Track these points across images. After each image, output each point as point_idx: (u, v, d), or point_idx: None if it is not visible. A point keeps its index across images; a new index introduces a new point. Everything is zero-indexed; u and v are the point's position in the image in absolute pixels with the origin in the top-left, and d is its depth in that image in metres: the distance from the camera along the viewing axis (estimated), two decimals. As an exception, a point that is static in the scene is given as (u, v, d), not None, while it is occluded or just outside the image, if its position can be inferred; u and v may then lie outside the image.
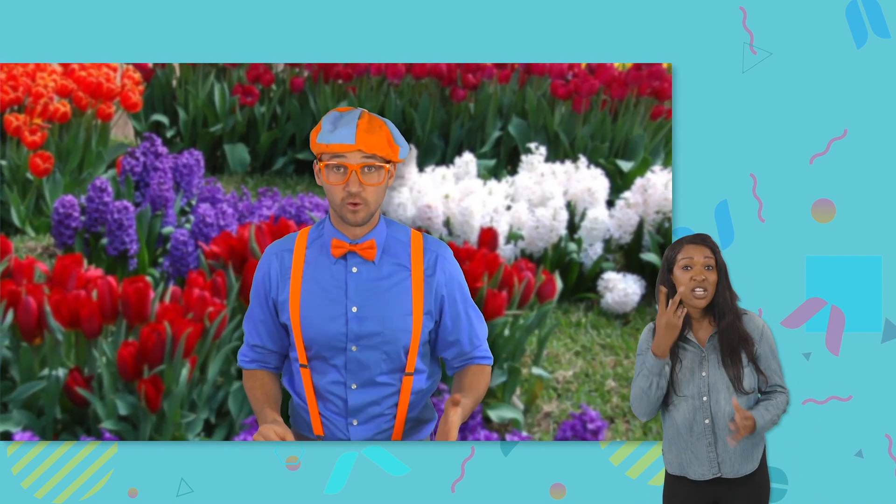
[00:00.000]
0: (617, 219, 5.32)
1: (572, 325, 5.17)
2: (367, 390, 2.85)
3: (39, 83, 5.35)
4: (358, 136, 2.71)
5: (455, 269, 2.91)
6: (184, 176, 5.31)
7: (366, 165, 2.73)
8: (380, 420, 2.89)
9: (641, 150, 5.51)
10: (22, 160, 5.16)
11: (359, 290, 2.82)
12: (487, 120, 5.57)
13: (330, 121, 2.76)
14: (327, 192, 2.78)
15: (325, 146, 2.74)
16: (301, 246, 2.86)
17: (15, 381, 4.27)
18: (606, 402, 4.76)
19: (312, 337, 2.83)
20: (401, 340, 2.84)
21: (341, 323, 2.81)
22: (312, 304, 2.82)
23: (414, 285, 2.83)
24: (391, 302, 2.82)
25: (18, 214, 5.13)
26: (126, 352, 4.17)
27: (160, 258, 5.10)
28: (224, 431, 4.38)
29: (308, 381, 2.87)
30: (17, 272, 4.47)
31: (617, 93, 5.51)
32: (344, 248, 2.81)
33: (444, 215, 5.22)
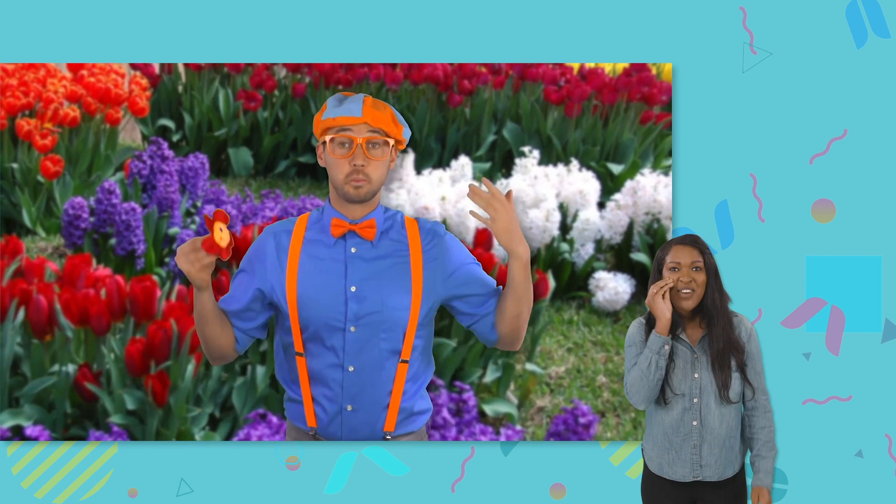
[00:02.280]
0: (607, 220, 5.24)
1: (564, 323, 5.09)
2: (363, 373, 2.69)
3: (50, 89, 5.27)
4: (364, 110, 2.62)
5: (453, 240, 2.77)
6: (189, 178, 5.25)
7: (371, 140, 2.64)
8: (374, 408, 2.72)
9: (631, 153, 5.44)
10: (33, 163, 5.10)
11: (358, 269, 2.68)
12: (483, 124, 5.53)
13: (335, 99, 2.68)
14: (331, 168, 2.67)
15: (332, 120, 2.65)
16: (301, 227, 2.73)
17: (26, 376, 4.21)
18: (598, 396, 4.67)
19: (309, 316, 2.66)
20: (399, 319, 2.68)
21: (340, 302, 2.66)
22: (310, 283, 2.68)
23: (413, 264, 2.70)
24: (390, 281, 2.69)
25: (30, 216, 5.07)
26: (133, 348, 4.10)
27: (166, 258, 5.04)
28: (228, 425, 4.28)
29: (303, 369, 2.72)
30: (29, 271, 4.42)
31: (607, 98, 5.41)
32: (344, 228, 2.68)
33: (441, 216, 5.16)
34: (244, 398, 4.30)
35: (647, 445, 2.87)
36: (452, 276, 2.72)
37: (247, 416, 4.19)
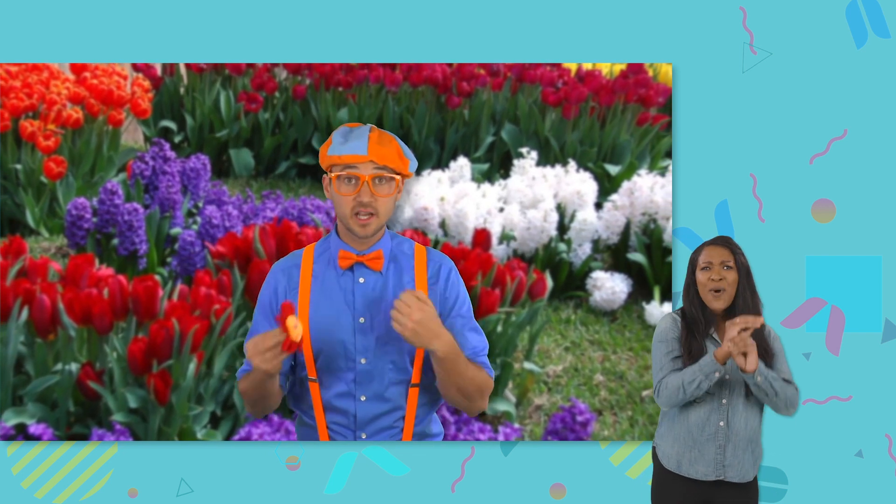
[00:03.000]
0: (605, 220, 5.18)
1: (562, 322, 5.03)
2: (375, 402, 2.66)
3: (53, 91, 5.20)
4: (370, 148, 2.56)
5: (458, 282, 2.72)
6: (191, 179, 5.20)
7: (377, 176, 2.58)
8: (388, 433, 2.70)
9: (628, 154, 5.38)
10: (36, 164, 5.06)
11: (366, 300, 2.64)
12: (481, 126, 5.47)
13: (341, 134, 2.61)
14: (337, 204, 2.62)
15: (338, 157, 2.58)
16: (308, 261, 2.68)
17: (30, 375, 4.17)
18: (595, 395, 4.61)
19: (321, 349, 2.63)
20: (407, 349, 2.64)
21: (350, 334, 2.63)
22: (321, 315, 2.63)
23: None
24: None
25: (33, 216, 5.01)
26: (136, 347, 4.08)
27: (168, 258, 4.99)
28: (230, 424, 4.25)
29: (317, 396, 2.68)
30: (32, 271, 4.40)
31: (605, 100, 5.35)
32: (351, 260, 2.63)
33: (440, 217, 5.07)
34: (245, 396, 4.27)
35: (665, 443, 2.82)
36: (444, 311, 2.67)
37: (247, 415, 4.17)
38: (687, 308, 2.80)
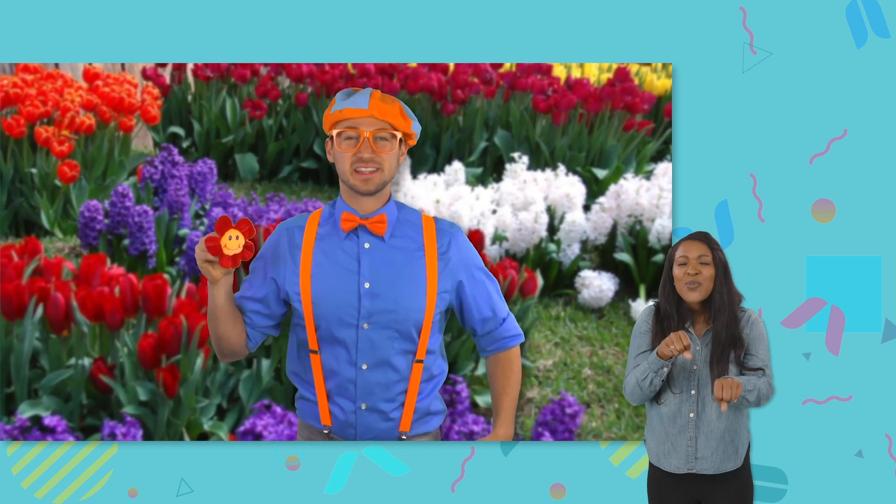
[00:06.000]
0: (593, 222, 4.98)
1: (552, 319, 4.84)
2: (377, 371, 2.42)
3: (67, 98, 5.05)
4: (371, 103, 2.35)
5: (469, 247, 2.51)
6: (198, 183, 5.05)
7: (378, 133, 2.36)
8: (389, 406, 2.45)
9: (615, 159, 5.21)
10: (51, 168, 4.92)
11: (372, 266, 2.41)
12: (475, 132, 5.30)
13: (344, 93, 2.41)
14: (339, 163, 2.40)
15: (339, 112, 2.37)
16: (313, 223, 2.45)
17: (44, 369, 4.06)
18: (583, 388, 4.44)
19: (322, 313, 2.39)
20: (413, 319, 2.41)
21: (353, 298, 2.38)
22: (324, 278, 2.40)
23: (428, 265, 2.42)
24: (404, 280, 2.41)
25: (48, 218, 4.87)
26: (146, 343, 3.96)
27: (177, 258, 4.85)
28: (235, 416, 4.09)
29: (318, 367, 2.43)
30: (47, 270, 4.28)
31: (592, 107, 5.17)
32: (354, 222, 2.41)
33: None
34: (250, 390, 4.12)
35: (648, 436, 2.59)
36: (460, 284, 2.45)
37: (252, 407, 4.02)
38: (662, 304, 2.58)
